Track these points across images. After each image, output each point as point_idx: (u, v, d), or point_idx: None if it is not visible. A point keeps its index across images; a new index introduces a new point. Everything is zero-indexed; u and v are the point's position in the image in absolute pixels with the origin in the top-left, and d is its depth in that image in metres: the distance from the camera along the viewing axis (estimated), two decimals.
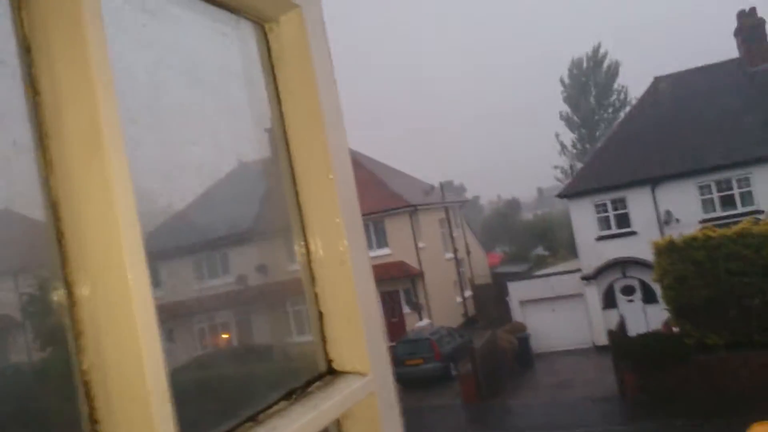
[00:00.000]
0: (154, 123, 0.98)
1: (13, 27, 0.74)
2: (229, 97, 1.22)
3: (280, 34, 1.23)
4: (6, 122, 0.74)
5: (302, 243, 1.25)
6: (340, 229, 1.21)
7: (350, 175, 1.31)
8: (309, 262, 1.23)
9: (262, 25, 1.23)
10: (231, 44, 1.18)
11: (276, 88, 1.24)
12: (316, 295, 1.23)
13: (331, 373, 1.19)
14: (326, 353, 1.21)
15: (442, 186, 44.95)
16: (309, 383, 1.13)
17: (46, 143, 0.74)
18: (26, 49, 0.74)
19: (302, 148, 1.25)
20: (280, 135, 1.26)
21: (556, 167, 65.20)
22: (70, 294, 0.74)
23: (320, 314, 1.22)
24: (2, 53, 0.73)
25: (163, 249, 1.34)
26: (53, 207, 0.74)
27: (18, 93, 0.74)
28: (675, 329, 21.80)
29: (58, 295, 0.74)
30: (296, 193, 1.25)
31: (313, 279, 1.23)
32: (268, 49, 1.24)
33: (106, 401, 0.73)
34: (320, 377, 1.17)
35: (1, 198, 0.78)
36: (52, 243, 0.75)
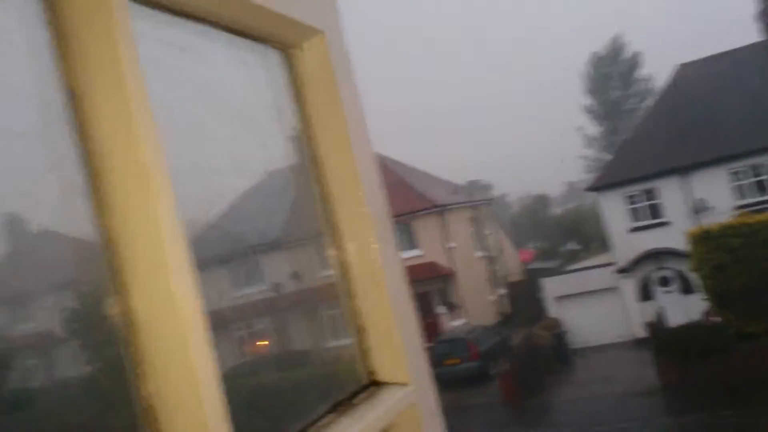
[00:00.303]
0: (191, 153, 1.03)
1: (60, 77, 0.79)
2: (259, 122, 1.27)
3: (304, 59, 1.27)
4: (60, 165, 0.80)
5: (339, 259, 1.29)
6: (374, 251, 1.25)
7: (381, 194, 1.34)
8: (347, 278, 1.27)
9: (287, 52, 1.27)
10: (258, 72, 1.23)
11: (303, 112, 1.29)
12: (355, 310, 1.26)
13: (374, 384, 1.23)
14: (367, 365, 1.25)
15: (469, 185, 44.83)
16: (353, 395, 1.17)
17: (98, 184, 0.79)
18: (73, 97, 0.79)
19: (333, 169, 1.29)
20: (310, 158, 1.30)
21: (580, 157, 64.86)
22: (129, 324, 0.79)
23: (360, 328, 1.26)
24: (52, 102, 0.79)
25: (200, 259, 1.39)
26: (108, 244, 0.79)
27: (69, 139, 0.79)
28: (716, 318, 21.45)
29: (118, 325, 0.79)
30: (331, 214, 1.29)
31: (352, 295, 1.27)
32: (294, 75, 1.29)
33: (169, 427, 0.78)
34: (364, 389, 1.20)
35: (61, 233, 0.83)
36: (110, 277, 0.79)
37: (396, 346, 1.23)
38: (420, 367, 1.27)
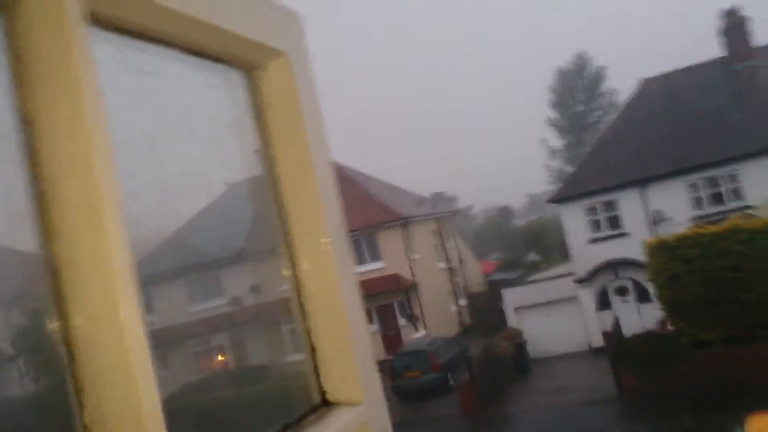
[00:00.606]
0: (151, 175, 1.03)
1: (14, 103, 0.79)
2: (222, 142, 1.27)
3: (268, 80, 1.28)
4: (8, 192, 0.79)
5: (293, 279, 1.29)
6: (331, 267, 1.26)
7: (339, 214, 1.35)
8: (299, 297, 1.28)
9: (250, 73, 1.28)
10: (221, 93, 1.23)
11: (266, 132, 1.30)
12: (308, 329, 1.27)
13: (325, 404, 1.23)
14: (320, 385, 1.25)
15: (434, 196, 45.08)
16: (303, 416, 1.17)
17: (47, 210, 0.79)
18: (28, 123, 0.79)
19: (292, 187, 1.30)
20: (270, 175, 1.31)
21: (545, 168, 65.92)
22: (70, 352, 0.78)
23: (313, 347, 1.26)
24: (4, 128, 0.78)
25: (156, 274, 1.39)
26: (54, 272, 0.79)
27: (19, 165, 0.78)
28: (670, 328, 21.89)
29: (58, 352, 0.79)
30: (287, 232, 1.29)
31: (304, 313, 1.27)
32: (258, 95, 1.29)
33: None
34: (314, 409, 1.21)
35: (7, 261, 0.82)
36: (52, 304, 0.79)
37: (349, 364, 1.24)
38: (373, 385, 1.28)
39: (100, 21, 0.87)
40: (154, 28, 0.99)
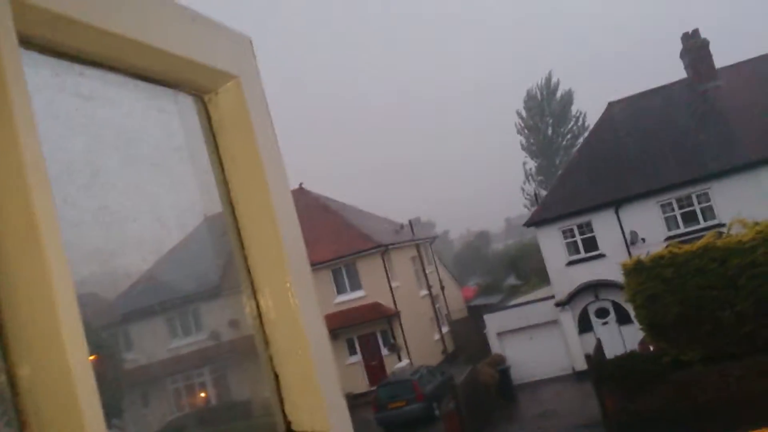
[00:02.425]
0: (93, 203, 1.00)
1: None
2: (171, 169, 1.24)
3: (219, 104, 1.27)
4: None
5: (253, 305, 1.26)
6: (290, 290, 1.23)
7: (298, 234, 1.33)
8: (261, 324, 1.25)
9: (201, 97, 1.26)
10: (170, 118, 1.21)
11: (219, 157, 1.28)
12: (270, 358, 1.24)
13: None
14: (284, 414, 1.22)
15: (411, 223, 45.13)
16: None
17: None
18: None
19: (248, 212, 1.28)
20: (225, 201, 1.28)
21: (521, 192, 66.45)
22: (12, 384, 0.75)
23: (276, 376, 1.23)
24: None
25: (128, 314, 1.36)
26: None
27: None
28: (651, 348, 21.95)
29: (1, 384, 0.75)
30: (244, 257, 1.27)
31: (266, 341, 1.24)
32: (210, 119, 1.28)
33: None
34: None
35: None
36: None
37: (314, 392, 1.21)
38: (340, 413, 1.24)
39: (35, 44, 0.86)
40: (95, 52, 0.97)
